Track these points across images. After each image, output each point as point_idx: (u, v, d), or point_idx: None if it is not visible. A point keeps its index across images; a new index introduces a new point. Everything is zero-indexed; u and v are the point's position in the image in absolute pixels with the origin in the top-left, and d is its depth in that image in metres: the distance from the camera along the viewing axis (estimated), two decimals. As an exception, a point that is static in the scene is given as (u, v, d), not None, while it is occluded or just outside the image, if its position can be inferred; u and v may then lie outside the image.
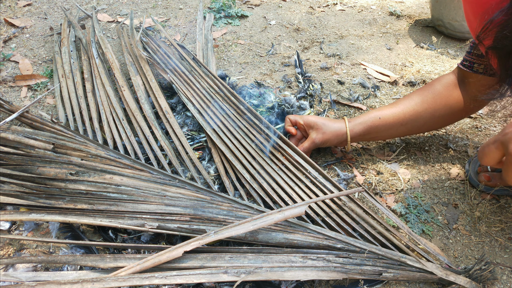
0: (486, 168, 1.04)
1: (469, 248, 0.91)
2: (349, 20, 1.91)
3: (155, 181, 0.98)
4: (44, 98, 1.31)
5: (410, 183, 1.07)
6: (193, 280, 0.75)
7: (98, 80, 1.26)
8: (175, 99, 1.27)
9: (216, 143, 1.08)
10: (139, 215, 0.88)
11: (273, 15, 1.90)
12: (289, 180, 0.99)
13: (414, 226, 0.94)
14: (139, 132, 1.12)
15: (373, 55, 1.63)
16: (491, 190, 1.01)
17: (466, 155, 1.15)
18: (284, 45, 1.67)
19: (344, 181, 1.05)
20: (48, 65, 1.46)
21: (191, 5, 1.93)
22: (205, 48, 1.51)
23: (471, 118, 1.29)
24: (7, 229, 0.91)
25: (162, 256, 0.78)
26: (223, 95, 1.23)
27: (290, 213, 0.82)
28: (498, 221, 0.96)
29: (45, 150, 1.01)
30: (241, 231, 0.80)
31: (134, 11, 1.84)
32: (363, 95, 1.38)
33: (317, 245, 0.84)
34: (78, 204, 0.89)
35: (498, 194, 1.02)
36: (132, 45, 1.40)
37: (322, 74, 1.50)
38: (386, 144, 1.19)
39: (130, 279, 0.74)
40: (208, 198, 0.94)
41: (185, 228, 0.86)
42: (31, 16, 1.74)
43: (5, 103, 1.17)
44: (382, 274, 0.81)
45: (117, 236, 0.90)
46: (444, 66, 1.56)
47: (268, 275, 0.77)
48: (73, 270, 0.82)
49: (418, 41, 1.74)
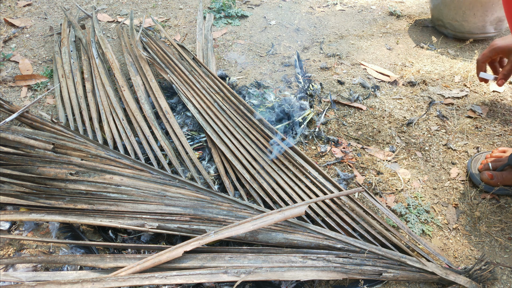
0: (488, 166, 1.04)
1: (469, 248, 0.91)
2: (349, 20, 1.91)
3: (155, 181, 0.98)
4: (44, 98, 1.31)
5: (410, 183, 1.07)
6: (193, 280, 0.75)
7: (98, 80, 1.26)
8: (175, 99, 1.27)
9: (216, 143, 1.08)
10: (139, 215, 0.88)
11: (273, 15, 1.90)
12: (289, 180, 0.99)
13: (414, 226, 0.94)
14: (139, 132, 1.12)
15: (373, 55, 1.63)
16: (492, 190, 1.01)
17: (466, 155, 1.15)
18: (284, 45, 1.67)
19: (344, 181, 1.05)
20: (48, 65, 1.46)
21: (191, 5, 1.93)
22: (205, 48, 1.50)
23: (471, 118, 1.29)
24: (7, 229, 0.91)
25: (162, 256, 0.78)
26: (223, 95, 1.23)
27: (290, 213, 0.82)
28: (498, 221, 0.96)
29: (45, 150, 1.01)
30: (241, 231, 0.80)
31: (134, 11, 1.84)
32: (363, 95, 1.38)
33: (317, 245, 0.84)
34: (78, 204, 0.89)
35: (499, 193, 1.02)
36: (132, 45, 1.40)
37: (322, 74, 1.50)
38: (386, 144, 1.19)
39: (130, 279, 0.74)
40: (208, 198, 0.94)
41: (185, 228, 0.86)
42: (31, 16, 1.74)
43: (5, 103, 1.17)
44: (382, 274, 0.81)
45: (117, 236, 0.90)
46: (444, 66, 1.56)
47: (268, 275, 0.77)
48: (73, 270, 0.82)
49: (418, 41, 1.74)
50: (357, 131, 1.24)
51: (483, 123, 1.27)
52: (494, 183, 1.01)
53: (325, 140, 1.19)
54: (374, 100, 1.37)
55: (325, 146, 1.16)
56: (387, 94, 1.40)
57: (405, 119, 1.28)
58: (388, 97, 1.38)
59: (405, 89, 1.43)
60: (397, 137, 1.21)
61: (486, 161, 1.06)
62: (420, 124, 1.26)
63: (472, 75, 1.49)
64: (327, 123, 1.26)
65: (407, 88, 1.44)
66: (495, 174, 1.01)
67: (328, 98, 1.36)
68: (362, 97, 1.37)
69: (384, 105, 1.34)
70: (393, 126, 1.25)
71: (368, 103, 1.35)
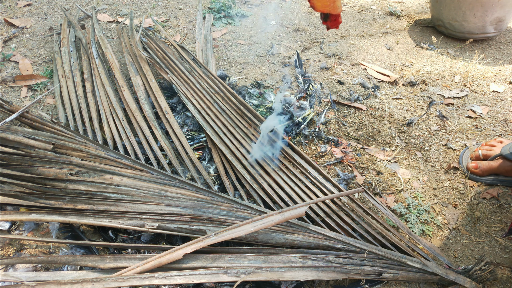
0: (478, 154, 1.07)
1: (469, 248, 0.91)
2: (349, 20, 1.91)
3: (155, 181, 0.98)
4: (44, 98, 1.31)
5: (410, 183, 1.07)
6: (193, 280, 0.75)
7: (98, 80, 1.26)
8: (175, 99, 1.27)
9: (216, 143, 1.08)
10: (139, 215, 0.88)
11: (273, 15, 1.90)
12: (289, 180, 0.99)
13: (414, 226, 0.94)
14: (139, 132, 1.12)
15: (373, 55, 1.63)
16: (478, 179, 1.06)
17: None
18: (284, 45, 1.67)
19: (344, 181, 1.05)
20: (48, 65, 1.46)
21: (191, 5, 1.93)
22: (205, 48, 1.50)
23: (471, 118, 1.29)
24: (7, 229, 0.91)
25: (163, 258, 0.78)
26: (223, 95, 1.23)
27: (291, 214, 0.82)
28: (498, 221, 0.96)
29: (45, 150, 1.01)
30: (242, 233, 0.80)
31: (134, 11, 1.84)
32: (363, 95, 1.38)
33: (317, 246, 0.84)
34: (78, 204, 0.89)
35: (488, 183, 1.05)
36: (132, 45, 1.40)
37: (322, 74, 1.50)
38: (386, 144, 1.19)
39: (130, 279, 0.74)
40: (208, 198, 0.94)
41: (185, 229, 0.86)
42: (31, 16, 1.74)
43: (5, 103, 1.17)
44: (382, 274, 0.81)
45: (117, 236, 0.90)
46: (444, 66, 1.56)
47: (268, 275, 0.77)
48: (73, 270, 0.82)
49: (418, 41, 1.74)
50: (357, 131, 1.24)
51: (483, 123, 1.27)
52: (478, 173, 1.05)
53: (325, 140, 1.19)
54: (374, 100, 1.37)
55: (325, 146, 1.16)
56: (387, 94, 1.40)
57: (405, 119, 1.28)
58: (388, 97, 1.38)
59: (405, 89, 1.43)
60: (397, 137, 1.21)
61: (478, 149, 1.09)
62: (420, 124, 1.26)
63: (472, 75, 1.49)
64: (327, 123, 1.26)
65: (407, 88, 1.44)
66: (480, 164, 1.04)
67: (328, 98, 1.36)
68: (362, 97, 1.37)
69: (384, 105, 1.34)
70: (393, 126, 1.25)
71: (368, 103, 1.35)
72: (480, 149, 1.08)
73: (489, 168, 1.04)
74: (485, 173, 1.05)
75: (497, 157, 1.04)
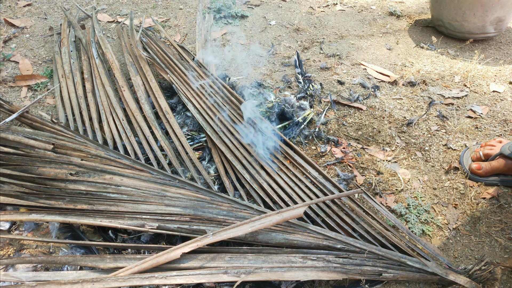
0: (479, 155, 1.07)
1: (469, 248, 0.91)
2: (349, 20, 1.91)
3: (155, 181, 0.98)
4: (44, 98, 1.31)
5: (410, 183, 1.07)
6: (193, 280, 0.75)
7: (98, 80, 1.26)
8: (175, 99, 1.27)
9: (216, 143, 1.08)
10: (139, 215, 0.88)
11: (273, 15, 1.90)
12: (289, 180, 0.99)
13: (414, 226, 0.94)
14: (139, 132, 1.12)
15: (373, 55, 1.63)
16: (478, 180, 1.06)
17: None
18: (284, 45, 1.67)
19: (344, 181, 1.05)
20: (48, 65, 1.46)
21: (191, 5, 1.93)
22: (205, 48, 1.50)
23: (471, 118, 1.29)
24: (7, 229, 0.91)
25: (161, 257, 0.78)
26: (223, 95, 1.23)
27: (289, 215, 0.82)
28: (498, 221, 0.96)
29: (45, 150, 1.01)
30: (240, 233, 0.80)
31: (134, 11, 1.84)
32: (363, 95, 1.38)
33: (317, 246, 0.84)
34: (78, 205, 0.89)
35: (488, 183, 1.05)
36: (132, 45, 1.40)
37: (322, 74, 1.50)
38: (386, 144, 1.19)
39: (130, 279, 0.74)
40: (208, 198, 0.94)
41: (185, 229, 0.86)
42: (31, 16, 1.74)
43: (5, 103, 1.17)
44: (382, 274, 0.81)
45: (117, 236, 0.90)
46: (444, 66, 1.56)
47: (268, 275, 0.77)
48: (73, 270, 0.82)
49: (418, 41, 1.74)
50: (357, 131, 1.24)
51: (483, 123, 1.27)
52: (481, 174, 1.05)
53: (325, 140, 1.19)
54: (374, 100, 1.37)
55: (325, 146, 1.16)
56: (387, 94, 1.40)
57: (405, 119, 1.28)
58: (388, 97, 1.38)
59: (405, 89, 1.43)
60: (397, 137, 1.21)
61: (479, 150, 1.10)
62: (420, 124, 1.26)
63: (472, 75, 1.49)
64: (327, 123, 1.26)
65: (407, 88, 1.44)
66: (483, 165, 1.05)
67: (328, 98, 1.36)
68: (362, 97, 1.37)
69: (384, 105, 1.34)
70: (393, 126, 1.25)
71: (368, 103, 1.35)
72: (480, 149, 1.08)
73: (491, 169, 1.04)
74: (487, 174, 1.05)
75: (497, 157, 1.05)
